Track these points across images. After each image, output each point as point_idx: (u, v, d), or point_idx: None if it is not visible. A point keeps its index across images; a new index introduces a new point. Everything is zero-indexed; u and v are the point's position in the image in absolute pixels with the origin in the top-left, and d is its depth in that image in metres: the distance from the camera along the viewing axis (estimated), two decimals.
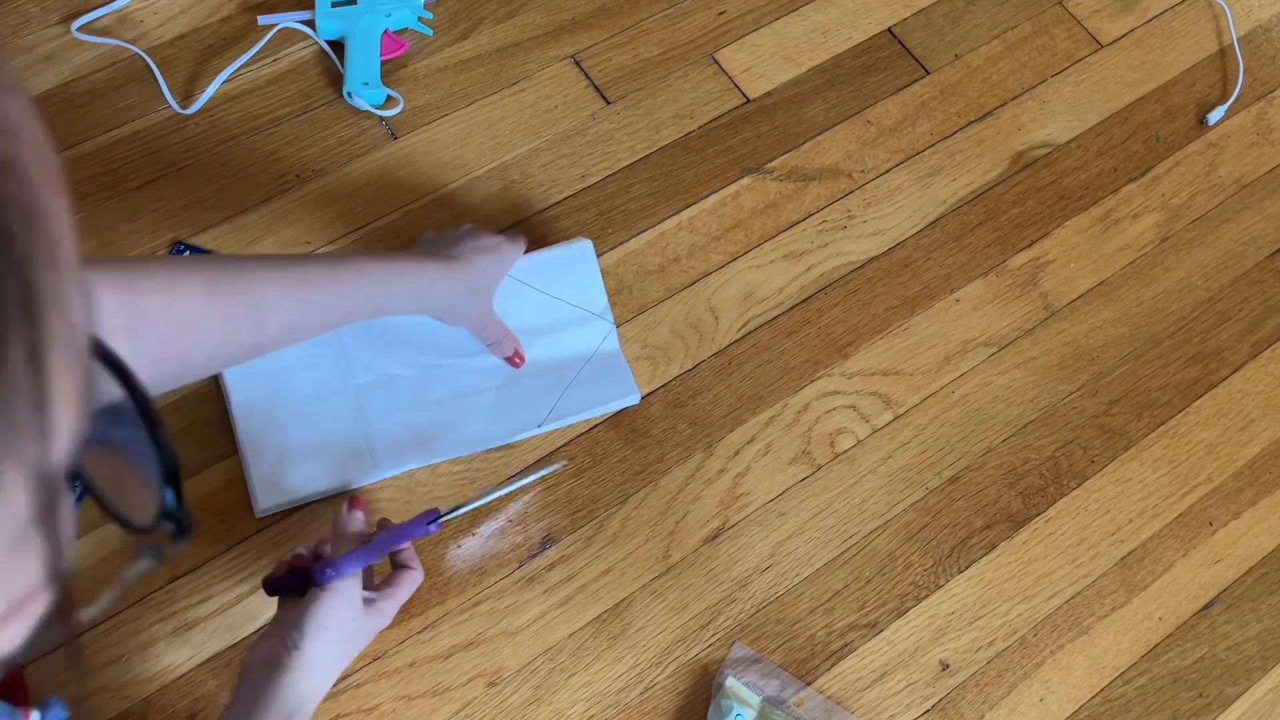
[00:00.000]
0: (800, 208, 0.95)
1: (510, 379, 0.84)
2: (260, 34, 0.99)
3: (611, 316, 0.88)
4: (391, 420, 0.82)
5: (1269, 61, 1.06)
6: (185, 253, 0.88)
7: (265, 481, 0.79)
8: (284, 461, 0.79)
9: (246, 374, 0.81)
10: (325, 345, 0.83)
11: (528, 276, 0.86)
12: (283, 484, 0.79)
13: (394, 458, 0.81)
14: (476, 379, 0.84)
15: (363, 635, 0.69)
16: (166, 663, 0.75)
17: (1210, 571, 0.84)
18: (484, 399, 0.84)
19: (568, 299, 0.87)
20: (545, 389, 0.84)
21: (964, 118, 1.00)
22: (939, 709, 0.78)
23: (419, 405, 0.83)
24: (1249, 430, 0.89)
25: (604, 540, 0.81)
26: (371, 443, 0.81)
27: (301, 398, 0.81)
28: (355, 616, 0.67)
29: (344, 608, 0.66)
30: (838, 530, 0.83)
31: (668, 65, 1.01)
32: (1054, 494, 0.85)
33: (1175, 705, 0.79)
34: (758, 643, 0.79)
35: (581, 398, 0.84)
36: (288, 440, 0.80)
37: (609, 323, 0.87)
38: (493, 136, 0.96)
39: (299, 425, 0.81)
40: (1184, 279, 0.95)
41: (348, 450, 0.80)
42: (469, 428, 0.82)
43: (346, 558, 0.68)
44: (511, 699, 0.76)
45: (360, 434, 0.81)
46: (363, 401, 0.82)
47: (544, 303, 0.86)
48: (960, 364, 0.89)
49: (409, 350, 0.84)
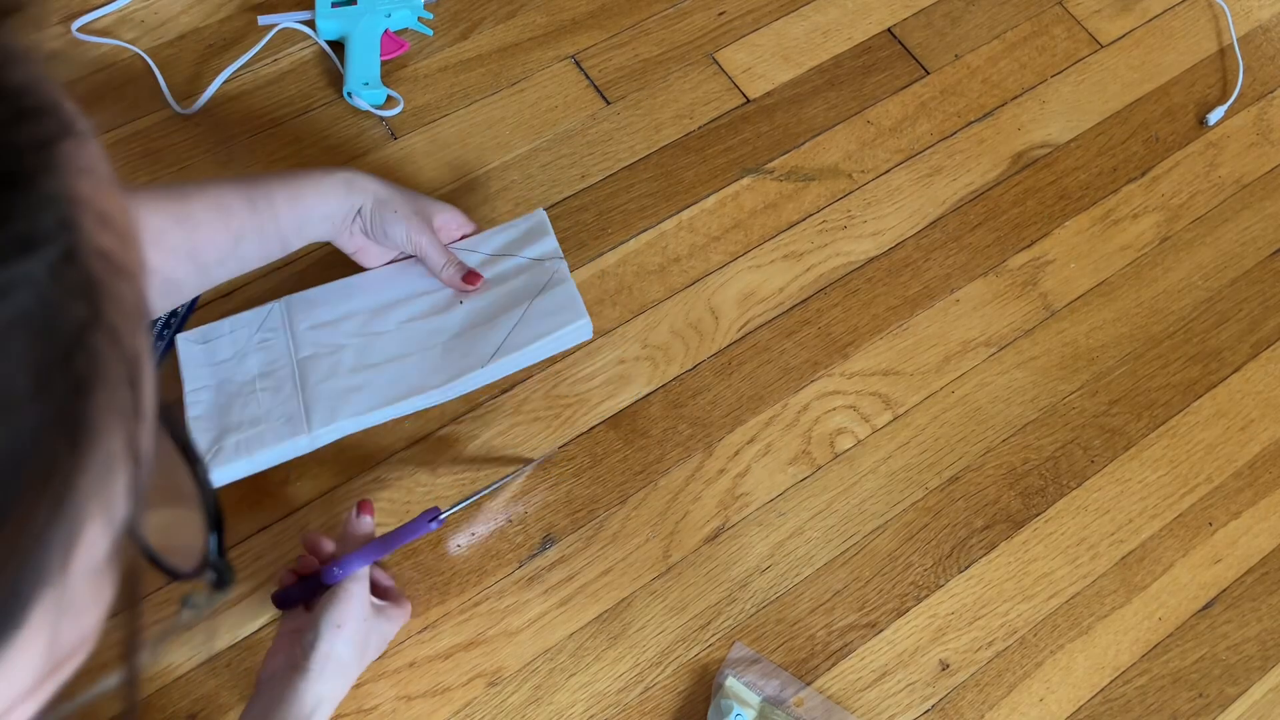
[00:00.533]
0: (800, 208, 0.95)
1: (458, 333, 0.82)
2: (260, 34, 0.99)
3: (562, 254, 0.84)
4: (329, 385, 0.80)
5: (1269, 61, 1.06)
6: None
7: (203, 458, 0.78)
8: (223, 437, 0.78)
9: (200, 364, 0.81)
10: (275, 330, 0.82)
11: (476, 245, 0.85)
12: (220, 458, 0.77)
13: (327, 414, 0.78)
14: (423, 338, 0.82)
15: (375, 637, 0.70)
16: (166, 663, 0.75)
17: (1210, 571, 0.84)
18: (430, 355, 0.81)
19: (518, 254, 0.85)
20: (494, 333, 0.81)
21: (964, 118, 1.00)
22: (939, 709, 0.78)
23: (359, 369, 0.81)
24: (1249, 430, 0.89)
25: (604, 540, 0.81)
26: (307, 405, 0.79)
27: (248, 379, 0.81)
28: (366, 616, 0.68)
29: (355, 606, 0.67)
30: (838, 530, 0.83)
31: (668, 65, 1.01)
32: (1054, 494, 0.85)
33: (1175, 705, 0.79)
34: (758, 643, 0.79)
35: (529, 331, 0.81)
36: (229, 418, 0.79)
37: (560, 259, 0.84)
38: (493, 136, 0.96)
39: (242, 404, 0.80)
40: (1184, 279, 0.95)
41: (285, 417, 0.79)
42: (406, 379, 0.80)
43: (353, 556, 0.69)
44: (511, 699, 0.76)
45: (296, 400, 0.79)
46: (304, 372, 0.80)
47: (497, 261, 0.85)
48: (960, 364, 0.89)
49: (355, 324, 0.82)
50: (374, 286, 0.85)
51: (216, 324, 0.83)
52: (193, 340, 0.82)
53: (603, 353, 0.88)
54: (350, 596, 0.67)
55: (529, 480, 0.83)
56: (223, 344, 0.82)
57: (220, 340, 0.82)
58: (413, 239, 0.80)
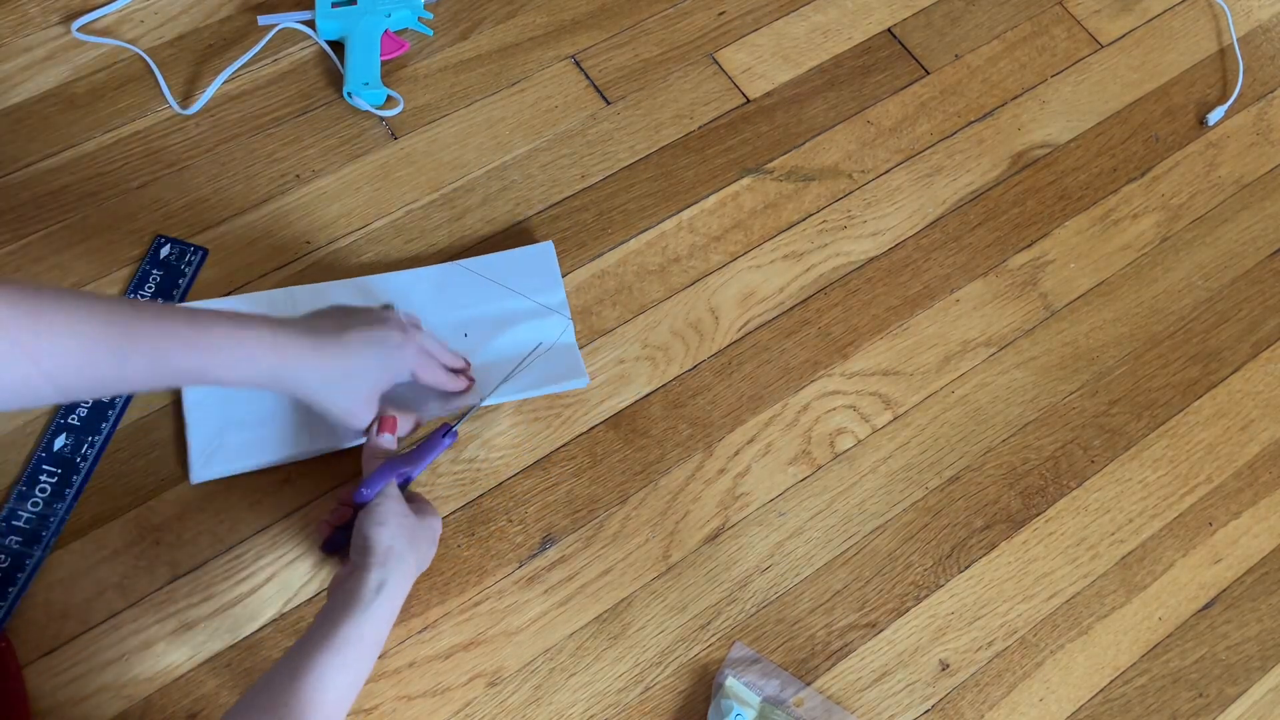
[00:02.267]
0: (800, 208, 0.95)
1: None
2: (260, 34, 0.99)
3: (569, 312, 0.87)
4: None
5: (1269, 61, 1.06)
6: (165, 246, 0.88)
7: (203, 452, 0.79)
8: (225, 433, 0.80)
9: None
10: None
11: (485, 271, 0.87)
12: (221, 455, 0.79)
13: (327, 437, 0.80)
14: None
15: (423, 532, 0.72)
16: (166, 663, 0.75)
17: (1210, 571, 0.84)
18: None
19: (525, 293, 0.87)
20: (496, 375, 0.83)
21: (964, 118, 1.00)
22: (939, 709, 0.78)
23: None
24: (1249, 430, 0.89)
25: (604, 540, 0.81)
26: (310, 422, 0.80)
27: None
28: (405, 513, 0.71)
29: (391, 504, 0.70)
30: (838, 530, 0.83)
31: (668, 65, 1.01)
32: (1054, 494, 0.85)
33: (1175, 705, 0.79)
34: (758, 643, 0.79)
35: (527, 379, 0.84)
36: (230, 411, 0.80)
37: (565, 318, 0.87)
38: (493, 136, 0.96)
39: (246, 398, 0.81)
40: (1184, 279, 0.95)
41: (292, 422, 0.80)
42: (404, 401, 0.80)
43: (376, 474, 0.72)
44: (511, 699, 0.76)
45: (304, 409, 0.80)
46: None
47: (500, 295, 0.87)
48: (960, 364, 0.89)
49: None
50: (383, 293, 0.86)
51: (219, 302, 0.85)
52: None
53: (603, 353, 0.88)
54: (384, 498, 0.70)
55: (529, 480, 0.83)
56: None
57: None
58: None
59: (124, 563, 0.78)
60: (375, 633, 0.64)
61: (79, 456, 0.81)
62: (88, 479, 0.80)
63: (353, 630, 0.63)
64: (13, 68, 0.96)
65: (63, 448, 0.81)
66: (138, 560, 0.78)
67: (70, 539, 0.78)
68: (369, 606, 0.64)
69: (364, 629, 0.63)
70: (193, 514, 0.79)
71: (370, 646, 0.64)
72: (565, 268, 0.90)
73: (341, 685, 0.61)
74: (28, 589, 0.76)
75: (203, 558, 0.79)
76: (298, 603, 0.78)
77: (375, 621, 0.64)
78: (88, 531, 0.79)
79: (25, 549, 0.77)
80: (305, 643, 0.62)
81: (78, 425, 0.81)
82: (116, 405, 0.83)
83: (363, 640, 0.63)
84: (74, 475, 0.80)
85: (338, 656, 0.61)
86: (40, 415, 0.82)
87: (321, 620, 0.64)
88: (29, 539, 0.77)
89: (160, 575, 0.78)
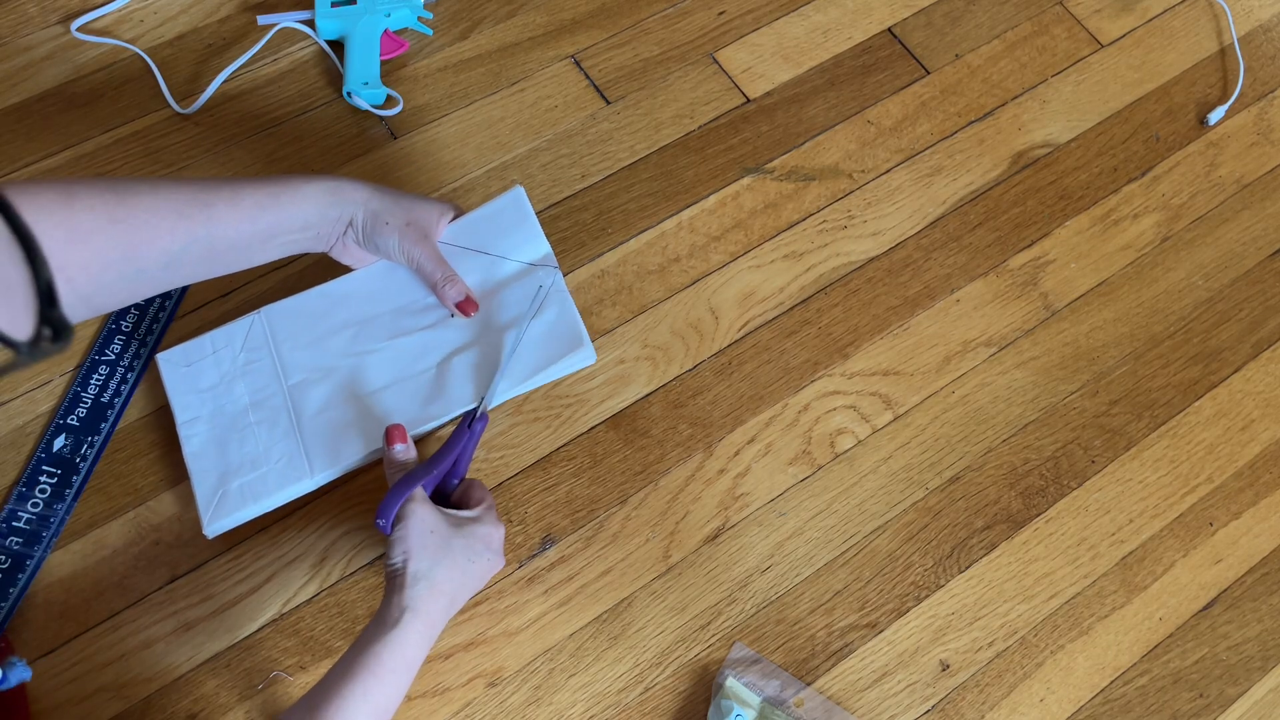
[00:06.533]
0: (800, 208, 0.95)
1: (451, 354, 0.79)
2: (260, 34, 0.99)
3: (556, 262, 0.82)
4: (324, 419, 0.78)
5: (1269, 61, 1.06)
6: None
7: (209, 504, 0.76)
8: (226, 480, 0.77)
9: (187, 391, 0.79)
10: (259, 349, 0.80)
11: (459, 238, 0.81)
12: (226, 504, 0.76)
13: (329, 457, 0.77)
14: (415, 360, 0.79)
15: (459, 542, 0.69)
16: (166, 663, 0.75)
17: (1211, 571, 0.83)
18: (424, 379, 0.79)
19: (506, 253, 0.82)
20: (491, 356, 0.79)
21: (964, 118, 1.00)
22: (939, 709, 0.78)
23: (353, 398, 0.79)
24: (1249, 430, 0.89)
25: (604, 540, 0.81)
26: (307, 446, 0.78)
27: (240, 409, 0.79)
28: (433, 529, 0.68)
29: (414, 524, 0.68)
30: (838, 530, 0.83)
31: (668, 65, 1.01)
32: (1054, 494, 0.85)
33: (1175, 705, 0.79)
34: (758, 643, 0.79)
35: (530, 361, 0.78)
36: (228, 457, 0.77)
37: (553, 268, 0.81)
38: (493, 136, 0.96)
39: (239, 439, 0.78)
40: (1184, 279, 0.95)
41: (286, 458, 0.77)
42: (403, 411, 0.78)
43: (389, 496, 0.69)
44: (511, 699, 0.76)
45: (295, 439, 0.78)
46: (297, 402, 0.79)
47: (481, 262, 0.81)
48: (960, 364, 0.89)
49: (343, 341, 0.80)
50: (358, 293, 0.82)
51: (198, 342, 0.81)
52: (175, 362, 0.80)
53: (603, 352, 0.88)
54: (407, 517, 0.68)
55: (529, 480, 0.83)
56: (206, 366, 0.80)
57: (203, 363, 0.80)
58: (407, 252, 0.77)
59: (124, 563, 0.78)
60: (403, 660, 0.64)
61: (79, 457, 0.81)
62: (88, 479, 0.80)
63: (373, 659, 0.62)
64: (12, 67, 0.97)
65: (62, 448, 0.81)
66: (137, 560, 0.78)
67: (70, 539, 0.78)
68: (390, 634, 0.63)
69: (386, 657, 0.63)
70: (193, 514, 0.79)
71: (394, 674, 0.63)
72: (565, 267, 0.90)
73: (365, 713, 0.61)
74: (28, 589, 0.76)
75: (202, 558, 0.79)
76: (298, 603, 0.78)
77: (401, 648, 0.64)
78: (87, 531, 0.79)
79: (25, 549, 0.77)
80: (333, 672, 0.63)
81: (77, 425, 0.81)
82: (116, 405, 0.83)
83: (382, 667, 0.63)
84: (74, 475, 0.80)
85: (359, 685, 0.61)
86: (40, 415, 0.82)
87: (350, 649, 0.64)
88: (29, 539, 0.78)
89: (160, 575, 0.78)
